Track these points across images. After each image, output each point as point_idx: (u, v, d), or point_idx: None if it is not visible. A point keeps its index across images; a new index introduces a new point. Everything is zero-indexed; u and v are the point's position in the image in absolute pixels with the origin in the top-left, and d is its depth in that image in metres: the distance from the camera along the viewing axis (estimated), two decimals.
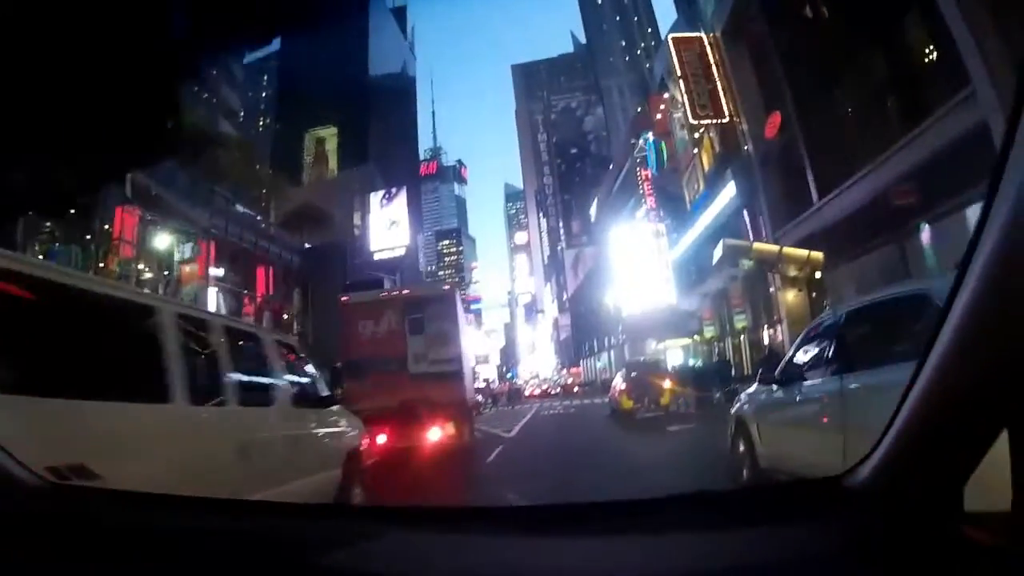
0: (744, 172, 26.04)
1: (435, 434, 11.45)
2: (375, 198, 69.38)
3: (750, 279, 25.77)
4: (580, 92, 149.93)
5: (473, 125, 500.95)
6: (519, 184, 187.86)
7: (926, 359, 1.12)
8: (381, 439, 11.20)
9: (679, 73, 28.78)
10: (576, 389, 60.26)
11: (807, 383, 5.31)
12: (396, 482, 8.94)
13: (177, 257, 28.84)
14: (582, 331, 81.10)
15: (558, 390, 64.66)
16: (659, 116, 37.63)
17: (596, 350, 70.73)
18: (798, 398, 5.42)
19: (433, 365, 11.91)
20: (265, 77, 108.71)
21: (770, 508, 1.50)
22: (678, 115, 36.51)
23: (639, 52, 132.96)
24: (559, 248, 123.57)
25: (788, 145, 23.28)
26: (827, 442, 4.44)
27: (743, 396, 7.45)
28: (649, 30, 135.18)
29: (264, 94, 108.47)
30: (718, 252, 22.97)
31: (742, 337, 28.50)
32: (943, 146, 13.82)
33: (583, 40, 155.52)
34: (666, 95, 35.79)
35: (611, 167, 67.54)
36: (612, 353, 60.90)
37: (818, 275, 21.96)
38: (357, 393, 11.57)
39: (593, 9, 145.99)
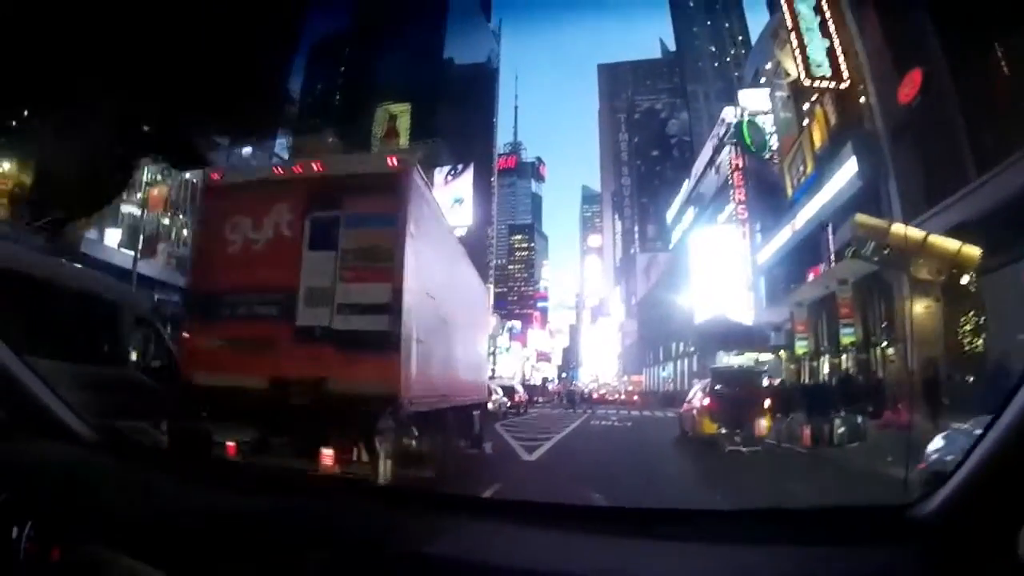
0: (868, 146, 20.74)
1: (327, 460, 5.80)
2: (439, 173, 65.97)
3: (867, 283, 20.43)
4: (665, 95, 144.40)
5: (556, 125, 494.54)
6: (597, 188, 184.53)
7: (1011, 399, 1.14)
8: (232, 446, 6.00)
9: (790, 26, 23.58)
10: (636, 398, 54.47)
11: None
12: None
13: (147, 177, 25.40)
14: (648, 338, 75.36)
15: (617, 396, 58.69)
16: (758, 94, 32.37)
17: (661, 359, 65.10)
18: None
19: (343, 316, 6.12)
20: (346, 49, 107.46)
21: (830, 530, 1.47)
22: (781, 93, 31.44)
23: (728, 60, 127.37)
24: (632, 251, 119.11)
25: (932, 110, 18.01)
26: None
27: (951, 438, 4.12)
28: (740, 38, 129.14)
29: (341, 68, 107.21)
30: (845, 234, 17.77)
31: (844, 356, 23.00)
32: None
33: (671, 48, 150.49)
34: (767, 66, 30.62)
35: (695, 164, 62.26)
36: (681, 363, 55.45)
37: (964, 280, 16.66)
38: (200, 356, 6.46)
39: (684, 12, 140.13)
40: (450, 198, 65.39)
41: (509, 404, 28.32)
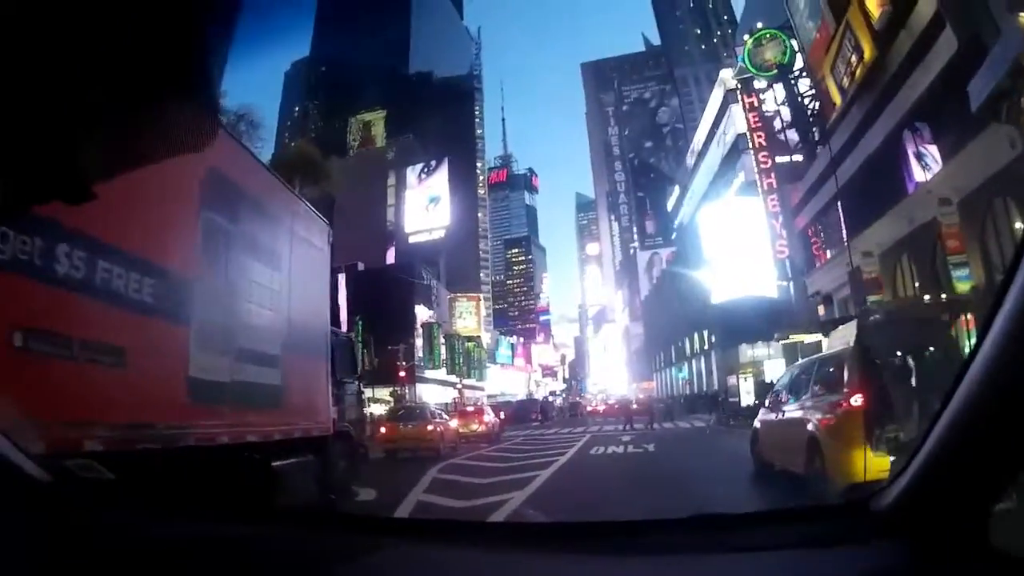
0: None
1: None
2: (412, 172, 59.18)
3: (981, 196, 13.16)
4: (653, 83, 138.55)
5: (545, 135, 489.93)
6: (591, 194, 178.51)
7: (962, 379, 1.04)
8: None
9: None
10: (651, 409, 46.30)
11: None
12: None
13: None
14: (656, 339, 67.59)
15: (627, 406, 50.75)
16: None
17: (675, 360, 57.39)
18: None
19: None
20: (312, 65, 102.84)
21: (796, 533, 1.44)
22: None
23: (715, 40, 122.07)
24: (631, 250, 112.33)
25: None
26: None
27: None
28: (725, 17, 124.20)
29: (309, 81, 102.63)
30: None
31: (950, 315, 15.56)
32: None
33: (654, 42, 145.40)
34: None
35: (692, 143, 55.60)
36: (697, 362, 47.96)
37: None
38: None
39: None
40: (425, 197, 58.83)
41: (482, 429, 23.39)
